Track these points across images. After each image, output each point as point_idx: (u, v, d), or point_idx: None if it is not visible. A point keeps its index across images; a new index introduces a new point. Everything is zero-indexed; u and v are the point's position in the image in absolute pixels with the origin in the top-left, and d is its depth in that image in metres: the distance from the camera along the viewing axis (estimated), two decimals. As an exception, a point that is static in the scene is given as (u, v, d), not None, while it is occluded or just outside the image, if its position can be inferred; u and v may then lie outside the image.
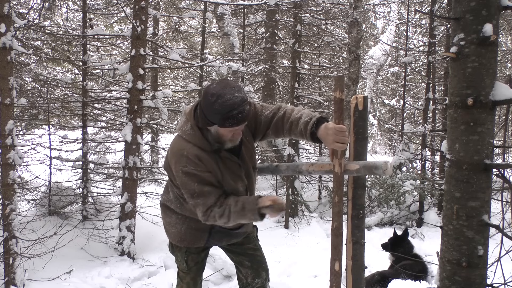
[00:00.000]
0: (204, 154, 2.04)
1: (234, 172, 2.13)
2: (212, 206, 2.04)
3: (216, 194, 2.06)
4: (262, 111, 2.21)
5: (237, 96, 1.89)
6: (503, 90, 1.71)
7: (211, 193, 2.04)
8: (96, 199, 6.28)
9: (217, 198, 2.06)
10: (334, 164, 2.17)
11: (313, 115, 2.05)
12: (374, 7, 12.98)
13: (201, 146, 2.04)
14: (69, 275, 4.29)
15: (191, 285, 2.47)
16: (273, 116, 2.18)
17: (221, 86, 1.92)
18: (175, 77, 13.58)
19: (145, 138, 8.24)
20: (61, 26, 7.37)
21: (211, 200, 2.04)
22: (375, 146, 18.33)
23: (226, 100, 1.87)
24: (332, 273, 2.18)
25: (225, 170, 2.09)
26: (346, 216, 2.30)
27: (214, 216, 2.05)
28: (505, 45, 10.85)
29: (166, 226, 2.43)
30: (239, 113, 1.89)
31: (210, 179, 2.05)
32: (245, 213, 2.01)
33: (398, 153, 7.35)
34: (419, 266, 4.08)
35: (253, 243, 2.44)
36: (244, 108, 1.91)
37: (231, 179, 2.12)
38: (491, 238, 1.85)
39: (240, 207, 2.01)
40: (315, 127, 2.00)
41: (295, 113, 2.11)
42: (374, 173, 2.07)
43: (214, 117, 1.91)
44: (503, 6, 1.71)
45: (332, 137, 1.94)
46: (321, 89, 9.74)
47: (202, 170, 2.02)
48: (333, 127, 1.94)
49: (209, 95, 1.91)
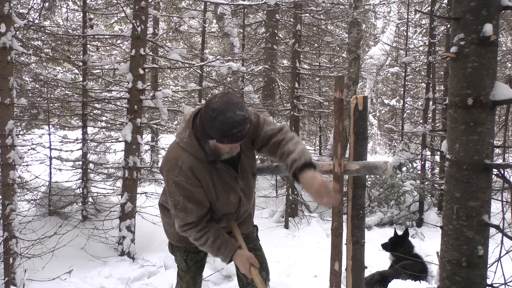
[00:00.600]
0: (199, 165, 2.02)
1: (228, 184, 2.12)
2: (189, 224, 2.07)
3: (198, 213, 2.06)
4: (264, 126, 2.17)
5: (239, 114, 1.83)
6: (503, 90, 1.71)
7: (192, 211, 2.05)
8: (96, 199, 6.28)
9: (198, 218, 2.07)
10: (334, 164, 2.17)
11: (303, 155, 1.98)
12: (374, 7, 12.98)
13: (197, 156, 2.02)
14: (69, 275, 4.29)
15: (190, 284, 2.48)
16: (272, 136, 2.14)
17: (223, 101, 1.87)
18: (175, 77, 13.58)
19: (145, 138, 8.24)
20: (61, 26, 7.37)
21: (191, 218, 2.06)
22: (375, 146, 18.33)
23: (227, 118, 1.82)
24: (332, 273, 2.18)
25: (218, 182, 2.08)
26: (346, 216, 2.30)
27: (190, 235, 2.11)
28: (505, 45, 10.85)
29: (165, 226, 2.44)
30: (239, 132, 1.85)
31: (198, 196, 2.04)
32: (218, 254, 2.11)
33: (398, 153, 7.35)
34: (419, 266, 4.08)
35: (253, 243, 2.45)
36: (244, 127, 1.86)
37: (224, 190, 2.10)
38: (491, 238, 1.85)
39: (216, 247, 2.09)
40: (300, 169, 1.94)
41: (291, 144, 2.06)
42: (374, 173, 2.07)
43: (213, 132, 1.88)
44: (503, 6, 1.71)
45: (316, 187, 1.87)
46: (321, 89, 9.74)
47: (192, 184, 2.02)
48: (321, 181, 1.88)
49: (210, 109, 1.86)
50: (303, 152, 2.01)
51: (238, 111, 1.85)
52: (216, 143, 1.93)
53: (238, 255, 2.11)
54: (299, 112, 7.27)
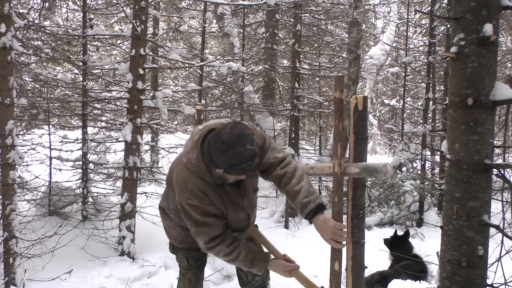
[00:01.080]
0: (208, 188, 2.03)
1: (237, 204, 2.15)
2: (216, 239, 2.05)
3: (220, 224, 2.07)
4: (268, 151, 2.17)
5: (249, 149, 1.83)
6: (503, 90, 1.71)
7: (214, 223, 2.05)
8: (96, 199, 6.28)
9: (222, 230, 2.07)
10: (334, 164, 2.17)
11: (311, 198, 2.02)
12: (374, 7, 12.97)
13: (205, 179, 2.02)
14: (69, 275, 4.29)
15: (193, 280, 2.50)
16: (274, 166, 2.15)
17: (234, 134, 1.85)
18: (175, 77, 13.58)
19: (145, 138, 8.23)
20: (61, 26, 7.36)
21: (215, 231, 2.05)
22: (375, 146, 18.33)
23: (237, 153, 1.82)
24: (332, 273, 2.18)
25: (228, 203, 2.11)
26: (346, 216, 2.30)
27: (219, 251, 2.08)
28: (505, 45, 10.85)
29: (166, 228, 2.45)
30: (247, 166, 1.87)
31: (214, 211, 2.06)
32: (251, 267, 2.11)
33: (398, 153, 7.34)
34: (419, 266, 4.08)
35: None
36: (253, 162, 1.88)
37: (234, 210, 2.14)
38: (491, 238, 1.85)
39: (249, 261, 2.09)
40: (313, 214, 2.02)
41: (294, 183, 2.08)
42: (375, 176, 2.07)
43: (222, 164, 1.88)
44: (503, 6, 1.71)
45: (329, 235, 1.99)
46: (321, 89, 9.73)
47: (206, 203, 2.03)
48: (333, 225, 1.98)
49: (220, 141, 1.85)
50: (309, 192, 2.05)
51: (248, 145, 1.84)
52: (224, 172, 1.95)
53: (272, 265, 2.15)
54: (299, 112, 7.27)
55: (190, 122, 11.73)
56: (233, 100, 8.35)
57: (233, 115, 8.47)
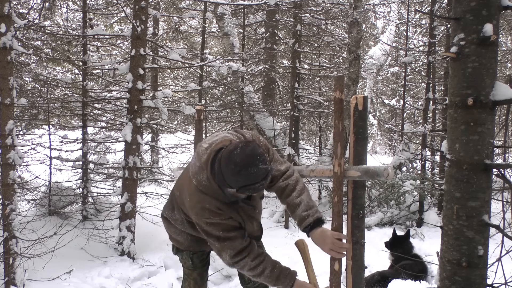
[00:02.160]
0: (224, 205, 2.04)
1: (251, 216, 2.19)
2: (242, 252, 2.05)
3: (243, 236, 2.08)
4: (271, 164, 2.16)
5: (262, 168, 1.84)
6: (503, 90, 1.71)
7: (237, 236, 2.05)
8: (96, 199, 6.28)
9: (246, 241, 2.08)
10: (334, 164, 2.17)
11: (310, 212, 2.04)
12: (374, 7, 12.97)
13: (219, 199, 2.03)
14: (69, 275, 4.29)
15: (198, 280, 2.50)
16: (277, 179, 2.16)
17: (246, 154, 1.85)
18: (175, 77, 13.58)
19: (145, 138, 8.24)
20: (61, 26, 7.37)
21: (239, 243, 2.05)
22: (375, 146, 18.34)
23: (250, 174, 1.83)
24: (332, 273, 2.18)
25: (244, 215, 2.13)
26: (346, 216, 2.30)
27: (244, 265, 2.06)
28: (505, 45, 10.85)
29: (171, 234, 2.45)
30: (261, 186, 1.88)
31: (234, 224, 2.07)
32: (277, 283, 2.08)
33: (398, 153, 7.34)
34: (419, 266, 4.08)
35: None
36: (266, 180, 1.89)
37: (250, 222, 2.18)
38: (491, 238, 1.85)
39: (275, 277, 2.07)
40: (311, 227, 2.03)
41: (295, 196, 2.10)
42: (376, 179, 2.08)
43: (235, 184, 1.88)
44: (503, 6, 1.71)
45: (329, 245, 2.00)
46: (321, 89, 9.74)
47: (226, 218, 2.03)
48: (331, 236, 1.99)
49: (232, 163, 1.85)
50: (309, 206, 2.06)
51: (261, 165, 1.85)
52: (237, 192, 1.95)
53: (298, 285, 2.12)
54: (299, 112, 7.27)
55: (190, 122, 11.73)
56: (233, 100, 8.35)
57: (233, 115, 8.48)
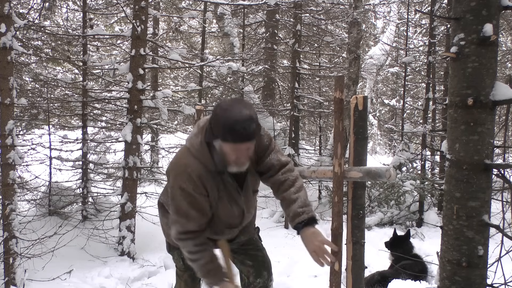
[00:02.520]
0: (207, 174, 2.01)
1: (233, 197, 2.11)
2: (189, 233, 2.03)
3: (199, 221, 2.04)
4: (272, 153, 2.15)
5: (245, 112, 1.83)
6: (503, 90, 1.71)
7: (194, 219, 2.02)
8: (96, 199, 6.28)
9: (199, 228, 2.04)
10: (334, 164, 2.17)
11: (306, 209, 2.02)
12: (374, 7, 12.96)
13: (206, 165, 2.00)
14: (69, 275, 4.29)
15: (189, 282, 2.48)
16: (275, 169, 2.13)
17: (233, 102, 1.91)
18: (175, 77, 13.58)
19: (145, 138, 8.23)
20: (61, 26, 7.37)
21: (192, 226, 2.02)
22: (375, 146, 18.34)
23: (233, 115, 1.83)
24: (332, 273, 2.18)
25: (224, 193, 2.08)
26: (346, 216, 2.30)
27: (185, 245, 2.06)
28: (505, 45, 10.85)
29: (163, 226, 2.44)
30: (242, 129, 1.82)
31: (201, 204, 2.02)
32: (204, 276, 2.09)
33: (398, 153, 7.35)
34: (419, 266, 4.08)
35: (254, 244, 2.43)
36: (248, 124, 1.83)
37: (228, 202, 2.10)
38: (491, 238, 1.85)
39: (206, 270, 2.07)
40: (304, 224, 2.00)
41: (293, 191, 2.07)
42: (378, 180, 2.07)
43: (218, 129, 1.86)
44: (503, 6, 1.71)
45: (315, 247, 1.96)
46: (321, 89, 9.74)
47: (198, 192, 2.00)
48: (321, 240, 1.96)
49: (219, 107, 1.89)
50: (305, 203, 2.04)
51: (245, 110, 1.84)
52: (222, 144, 1.90)
53: (223, 285, 2.10)
54: (299, 112, 7.27)
55: (190, 122, 11.73)
56: (233, 100, 8.33)
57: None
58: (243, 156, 1.95)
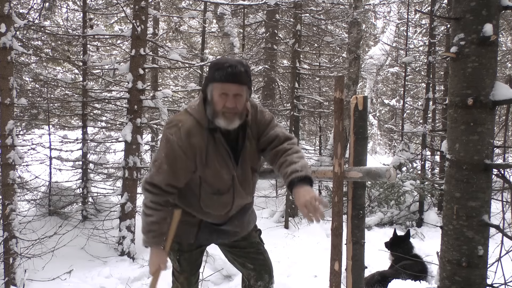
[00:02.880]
0: (198, 130, 2.03)
1: (222, 158, 2.09)
2: (153, 187, 2.04)
3: (167, 179, 2.03)
4: (275, 127, 2.17)
5: (234, 58, 2.02)
6: (503, 90, 1.71)
7: (164, 173, 2.02)
8: (96, 199, 6.28)
9: (165, 187, 2.04)
10: (334, 164, 2.17)
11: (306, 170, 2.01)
12: (374, 7, 12.97)
13: (198, 120, 2.04)
14: (69, 275, 4.29)
15: (185, 285, 2.43)
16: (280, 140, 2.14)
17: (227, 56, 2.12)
18: (175, 77, 13.58)
19: (145, 138, 8.24)
20: (61, 26, 7.37)
21: (159, 178, 2.03)
22: (375, 146, 18.34)
23: (223, 59, 2.01)
24: (332, 273, 2.18)
25: (212, 152, 2.06)
26: (346, 216, 2.30)
27: (146, 197, 2.08)
28: (505, 45, 10.85)
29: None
30: (230, 67, 1.92)
31: (178, 162, 2.02)
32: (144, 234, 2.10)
33: (398, 153, 7.35)
34: (419, 266, 4.08)
35: (255, 247, 2.41)
36: (236, 66, 1.93)
37: (217, 162, 2.07)
38: (491, 238, 1.85)
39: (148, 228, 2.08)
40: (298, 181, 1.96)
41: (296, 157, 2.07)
42: (378, 180, 2.07)
43: (209, 72, 1.99)
44: (503, 6, 1.71)
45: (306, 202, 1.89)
46: (321, 89, 9.74)
47: (181, 148, 2.00)
48: (314, 196, 1.90)
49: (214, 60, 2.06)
50: (305, 167, 2.02)
51: (235, 59, 2.00)
52: (212, 86, 1.97)
53: (154, 251, 2.13)
54: (299, 112, 7.27)
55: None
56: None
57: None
58: (231, 104, 1.95)
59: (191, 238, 2.27)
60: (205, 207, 2.15)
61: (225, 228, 2.28)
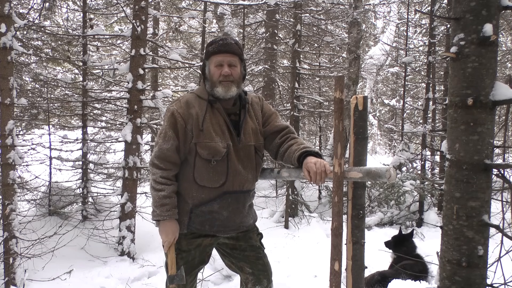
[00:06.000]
0: (197, 101, 2.22)
1: (219, 125, 2.20)
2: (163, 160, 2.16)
3: (174, 144, 2.16)
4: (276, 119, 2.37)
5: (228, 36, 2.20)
6: (503, 90, 1.70)
7: (172, 139, 2.15)
8: (96, 199, 6.29)
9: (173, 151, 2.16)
10: (334, 164, 2.17)
11: (313, 148, 2.18)
12: (374, 7, 12.98)
13: (199, 94, 2.26)
14: (69, 275, 4.29)
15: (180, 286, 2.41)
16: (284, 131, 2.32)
17: None
18: (175, 77, 13.58)
19: (145, 138, 8.23)
20: (61, 26, 7.37)
21: (166, 146, 2.16)
22: (375, 146, 18.34)
23: (219, 37, 2.28)
24: (332, 273, 2.18)
25: (209, 119, 2.19)
26: (346, 216, 2.29)
27: (154, 173, 2.18)
28: (505, 45, 10.85)
29: None
30: (221, 41, 2.19)
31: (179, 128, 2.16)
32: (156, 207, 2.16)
33: (398, 153, 7.35)
34: (419, 266, 4.08)
35: (256, 251, 2.40)
36: (227, 39, 2.21)
37: (213, 130, 2.17)
38: (491, 238, 1.85)
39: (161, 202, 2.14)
40: (308, 154, 2.10)
41: (301, 141, 2.25)
42: (378, 180, 2.06)
43: (206, 51, 2.24)
44: (503, 6, 1.71)
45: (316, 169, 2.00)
46: (321, 89, 9.74)
47: (181, 114, 2.16)
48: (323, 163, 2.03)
49: None
50: (310, 146, 2.21)
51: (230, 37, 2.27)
52: (208, 61, 2.21)
53: (166, 223, 2.18)
54: (299, 112, 7.27)
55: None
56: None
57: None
58: (227, 72, 2.15)
59: (182, 228, 2.25)
60: (200, 179, 2.18)
61: (218, 216, 2.23)
